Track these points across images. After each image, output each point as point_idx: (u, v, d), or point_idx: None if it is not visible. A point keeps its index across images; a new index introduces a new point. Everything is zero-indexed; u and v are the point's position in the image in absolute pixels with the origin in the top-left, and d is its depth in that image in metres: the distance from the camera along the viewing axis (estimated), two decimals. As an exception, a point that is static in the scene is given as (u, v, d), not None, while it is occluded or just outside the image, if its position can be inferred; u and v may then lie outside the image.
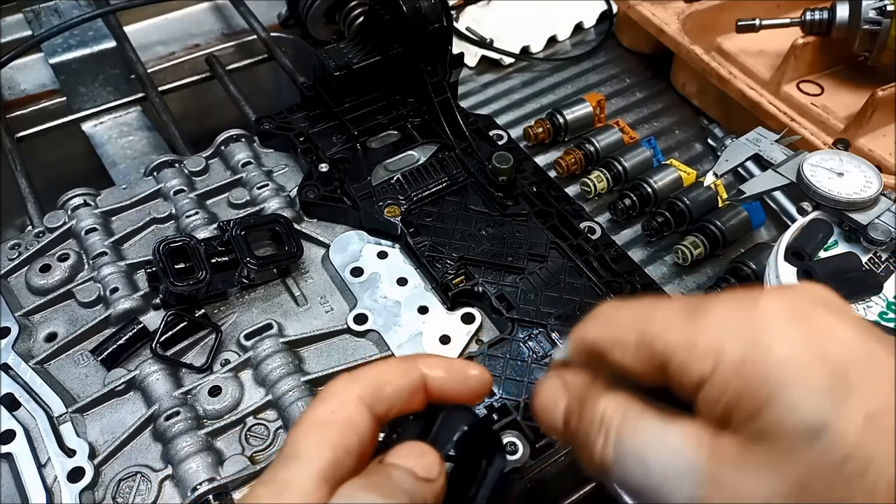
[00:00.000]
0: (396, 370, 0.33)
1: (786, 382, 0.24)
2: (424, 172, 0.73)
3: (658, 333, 0.27)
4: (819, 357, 0.24)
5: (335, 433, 0.30)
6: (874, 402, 0.23)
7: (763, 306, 0.26)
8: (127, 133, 0.90)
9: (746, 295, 0.27)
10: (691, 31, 0.90)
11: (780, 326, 0.25)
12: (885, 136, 0.80)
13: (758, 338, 0.25)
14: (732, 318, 0.26)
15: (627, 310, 0.29)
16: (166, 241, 0.61)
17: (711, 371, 0.25)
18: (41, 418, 0.55)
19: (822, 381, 0.23)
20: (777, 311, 0.25)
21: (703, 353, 0.26)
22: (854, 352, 0.24)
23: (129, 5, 0.94)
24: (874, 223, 0.63)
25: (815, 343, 0.24)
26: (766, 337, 0.25)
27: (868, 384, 0.23)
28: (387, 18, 0.73)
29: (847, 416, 0.23)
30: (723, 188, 0.76)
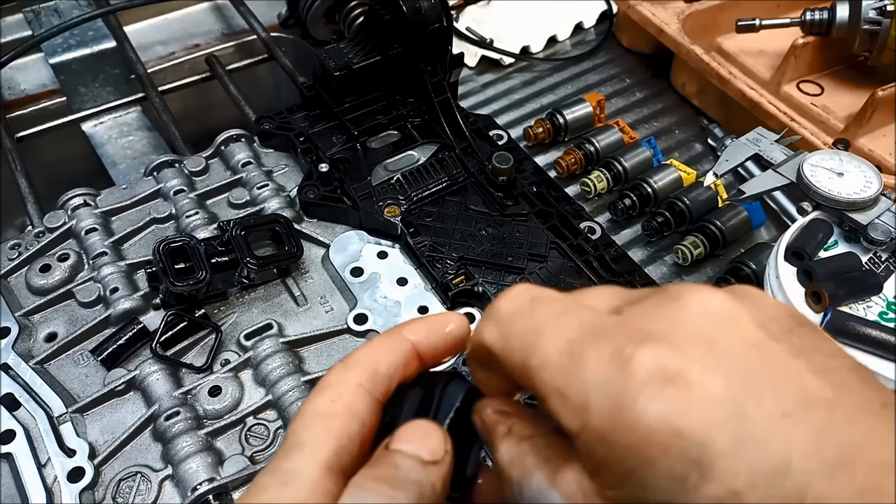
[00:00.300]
0: (387, 347, 0.33)
1: (645, 464, 0.23)
2: (424, 172, 0.73)
3: (537, 369, 0.27)
4: (677, 433, 0.23)
5: (337, 422, 0.30)
6: (727, 484, 0.22)
7: (639, 360, 0.24)
8: (127, 133, 0.90)
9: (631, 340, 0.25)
10: (691, 31, 0.90)
11: (646, 395, 0.24)
12: (885, 136, 0.80)
13: (623, 408, 0.24)
14: (605, 373, 0.25)
15: (524, 317, 0.29)
16: (166, 241, 0.61)
17: (579, 430, 0.25)
18: (41, 418, 0.55)
19: (681, 465, 0.23)
20: (650, 371, 0.24)
21: (573, 408, 0.25)
22: (723, 424, 0.23)
23: (128, 5, 0.94)
24: (874, 223, 0.63)
25: (679, 417, 0.23)
26: (631, 408, 0.24)
27: (726, 462, 0.22)
28: (387, 18, 0.73)
29: (700, 501, 0.23)
30: (723, 188, 0.76)
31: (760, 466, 0.22)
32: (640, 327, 0.26)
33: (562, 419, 0.26)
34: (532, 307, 0.29)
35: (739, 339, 0.25)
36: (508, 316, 0.29)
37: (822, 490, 0.22)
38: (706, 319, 0.26)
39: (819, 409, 0.23)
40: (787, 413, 0.23)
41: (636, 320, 0.27)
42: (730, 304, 0.26)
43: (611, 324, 0.27)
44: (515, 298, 0.30)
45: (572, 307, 0.28)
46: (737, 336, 0.25)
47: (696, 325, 0.25)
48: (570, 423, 0.26)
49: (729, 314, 0.26)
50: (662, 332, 0.25)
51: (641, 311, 0.27)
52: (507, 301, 0.30)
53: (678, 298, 0.27)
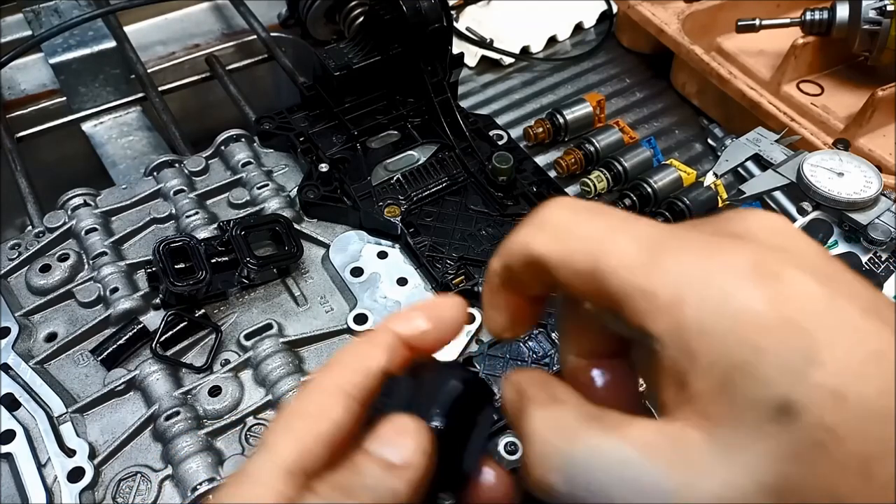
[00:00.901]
0: (369, 342, 0.31)
1: (752, 354, 0.22)
2: (424, 172, 0.73)
3: (614, 268, 0.25)
4: (788, 323, 0.22)
5: (304, 423, 0.29)
6: (840, 376, 0.22)
7: (730, 257, 0.24)
8: (127, 133, 0.90)
9: (712, 241, 0.25)
10: (691, 31, 0.90)
11: (747, 286, 0.23)
12: (885, 136, 0.80)
13: (726, 297, 0.23)
14: (697, 267, 0.24)
15: (584, 223, 0.26)
16: (166, 241, 0.61)
17: (671, 330, 0.23)
18: (41, 418, 0.55)
19: (790, 353, 0.22)
20: (744, 266, 0.23)
21: (662, 306, 0.23)
22: (823, 316, 0.23)
23: (128, 5, 0.94)
24: (874, 223, 0.63)
25: (784, 306, 0.23)
26: (733, 298, 0.23)
27: (835, 354, 0.22)
28: (387, 18, 0.73)
29: (815, 393, 0.22)
30: (723, 188, 0.76)
31: (861, 353, 0.22)
32: (723, 229, 0.25)
33: (647, 321, 0.24)
34: (591, 212, 0.27)
35: (807, 250, 0.25)
36: (565, 222, 0.27)
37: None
38: (773, 231, 0.26)
39: (888, 313, 0.23)
40: (867, 311, 0.23)
41: (710, 226, 0.26)
42: (789, 224, 0.27)
43: (685, 227, 0.26)
44: (566, 205, 0.27)
45: (635, 216, 0.27)
46: (804, 248, 0.25)
47: (767, 234, 0.25)
48: (659, 323, 0.23)
49: (791, 230, 0.26)
50: (745, 235, 0.25)
51: (712, 224, 0.26)
52: (558, 209, 0.27)
53: (740, 216, 0.26)
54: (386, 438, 0.28)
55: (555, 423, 0.26)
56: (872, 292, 0.24)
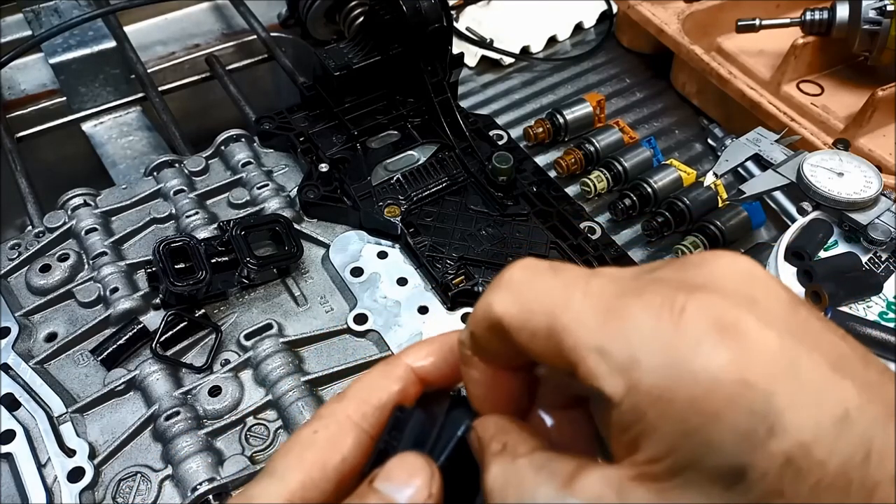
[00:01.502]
0: (383, 375, 0.31)
1: (707, 421, 0.21)
2: (424, 172, 0.73)
3: (569, 328, 0.24)
4: (746, 387, 0.21)
5: (312, 452, 0.29)
6: (795, 437, 0.21)
7: (689, 314, 0.23)
8: (127, 133, 0.90)
9: (671, 295, 0.23)
10: (691, 31, 0.90)
11: (705, 346, 0.22)
12: (885, 136, 0.80)
13: (682, 360, 0.22)
14: (653, 326, 0.23)
15: (541, 282, 0.26)
16: (166, 241, 0.61)
17: (625, 392, 0.23)
18: (41, 418, 0.55)
19: (747, 420, 0.21)
20: (703, 323, 0.22)
21: (616, 367, 0.23)
22: (785, 376, 0.22)
23: (128, 5, 0.94)
24: (874, 223, 0.63)
25: (743, 367, 0.22)
26: (689, 361, 0.22)
27: (795, 420, 0.21)
28: (387, 18, 0.73)
29: (771, 462, 0.21)
30: (723, 188, 0.76)
31: (823, 417, 0.21)
32: (683, 280, 0.24)
33: (601, 382, 0.23)
34: (552, 272, 0.26)
35: (776, 297, 0.24)
36: (526, 281, 0.26)
37: (884, 441, 0.21)
38: (740, 278, 0.24)
39: (857, 366, 0.23)
40: (834, 367, 0.22)
41: (671, 277, 0.25)
42: (756, 267, 0.25)
43: (647, 280, 0.25)
44: (528, 266, 0.27)
45: (596, 272, 0.26)
46: (773, 295, 0.24)
47: (732, 282, 0.24)
48: (613, 385, 0.23)
49: (759, 275, 0.25)
50: (705, 285, 0.24)
51: (673, 272, 0.25)
52: (521, 269, 0.27)
53: (703, 263, 0.25)
54: (395, 477, 0.28)
55: (507, 475, 0.26)
56: (842, 344, 0.24)
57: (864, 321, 0.58)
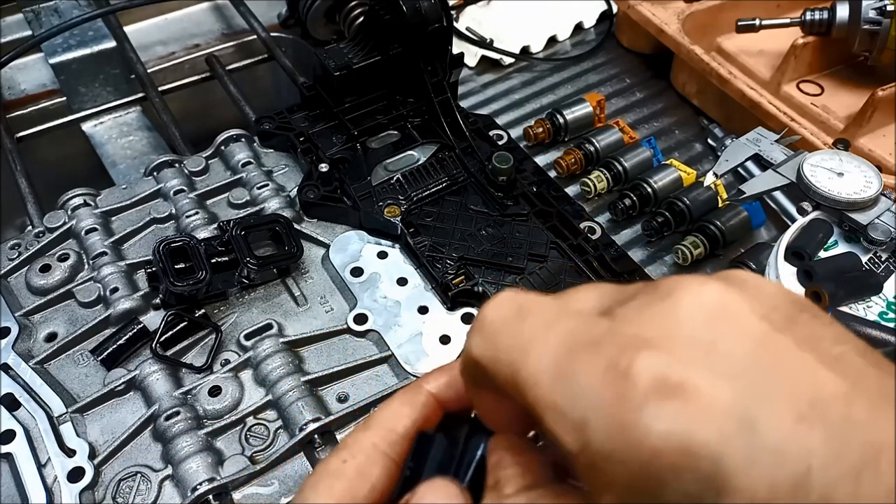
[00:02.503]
0: (406, 403, 0.32)
1: (657, 484, 0.22)
2: (424, 172, 0.73)
3: (528, 386, 0.25)
4: (687, 452, 0.21)
5: (343, 484, 0.30)
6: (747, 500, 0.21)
7: (636, 374, 0.22)
8: (127, 133, 0.90)
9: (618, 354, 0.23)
10: (691, 31, 0.90)
11: (647, 409, 0.22)
12: (885, 136, 0.80)
13: (625, 426, 0.22)
14: (600, 388, 0.23)
15: (510, 328, 0.27)
16: (166, 241, 0.61)
17: (579, 450, 0.23)
18: (41, 418, 0.55)
19: (693, 483, 0.21)
20: (648, 384, 0.22)
21: (570, 427, 0.23)
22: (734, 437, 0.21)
23: (129, 5, 0.94)
24: (874, 223, 0.63)
25: (685, 429, 0.21)
26: (635, 427, 0.22)
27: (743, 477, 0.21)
28: (387, 18, 0.73)
29: None
30: (723, 188, 0.76)
31: (780, 479, 0.21)
32: (634, 333, 0.24)
33: (559, 438, 0.24)
34: (518, 318, 0.27)
35: (742, 335, 0.23)
36: (495, 327, 0.27)
37: (848, 494, 0.20)
38: (703, 317, 0.24)
39: (835, 408, 0.21)
40: (801, 417, 0.21)
41: (628, 325, 0.24)
42: (726, 297, 0.24)
43: (601, 331, 0.25)
44: (501, 307, 0.28)
45: (560, 315, 0.26)
46: (739, 333, 0.23)
47: (692, 324, 0.23)
48: (569, 442, 0.23)
49: (727, 308, 0.24)
50: (658, 336, 0.23)
51: (632, 314, 0.25)
52: (493, 310, 0.28)
53: (669, 295, 0.25)
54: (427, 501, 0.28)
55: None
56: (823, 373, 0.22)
57: (864, 321, 0.58)
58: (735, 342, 0.23)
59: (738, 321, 0.24)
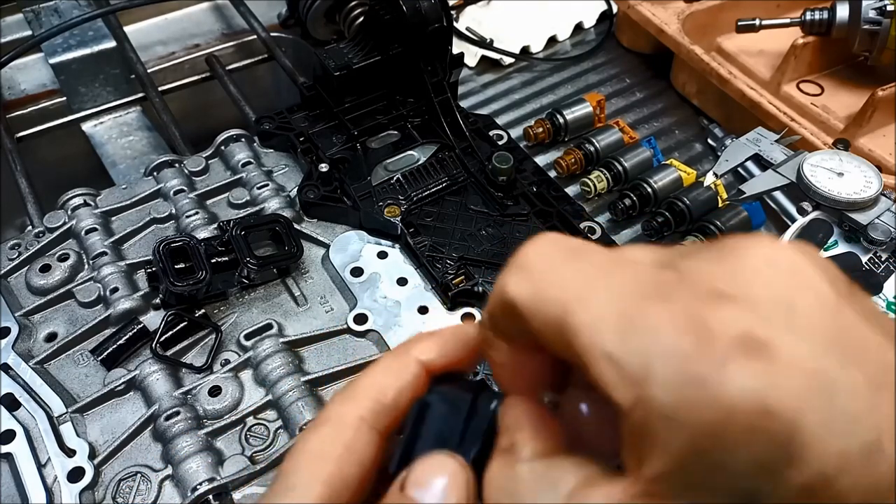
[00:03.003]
0: (392, 371, 0.30)
1: (720, 448, 0.20)
2: (424, 172, 0.73)
3: (583, 327, 0.23)
4: (767, 414, 0.20)
5: (331, 466, 0.28)
6: (817, 469, 0.20)
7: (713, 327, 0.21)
8: (127, 133, 0.90)
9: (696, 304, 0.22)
10: (691, 31, 0.90)
11: (727, 366, 0.20)
12: (885, 136, 0.80)
13: (699, 380, 0.20)
14: (672, 339, 0.21)
15: (561, 268, 0.24)
16: (166, 241, 0.61)
17: (633, 404, 0.21)
18: (41, 418, 0.55)
19: (765, 449, 0.20)
20: (727, 339, 0.21)
21: (627, 378, 0.22)
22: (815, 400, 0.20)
23: (129, 5, 0.94)
24: (874, 223, 0.63)
25: (766, 390, 0.20)
26: (707, 381, 0.20)
27: (819, 451, 0.20)
28: (387, 18, 0.73)
29: (784, 487, 0.20)
30: (723, 188, 0.76)
31: (852, 446, 0.20)
32: (709, 286, 0.22)
33: (611, 390, 0.22)
34: (570, 260, 0.24)
35: (817, 300, 0.22)
36: (542, 268, 0.24)
37: None
38: (779, 277, 0.22)
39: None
40: (876, 385, 0.20)
41: (699, 277, 0.22)
42: (799, 260, 0.23)
43: (671, 281, 0.22)
44: (549, 245, 0.25)
45: (619, 262, 0.24)
46: (814, 297, 0.22)
47: (769, 283, 0.22)
48: (623, 395, 0.21)
49: (802, 271, 0.22)
50: (735, 292, 0.22)
51: (702, 266, 0.23)
52: (540, 249, 0.25)
53: (739, 252, 0.23)
54: (426, 481, 0.27)
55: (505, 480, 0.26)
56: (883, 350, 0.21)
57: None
58: (812, 305, 0.22)
59: (812, 285, 0.22)
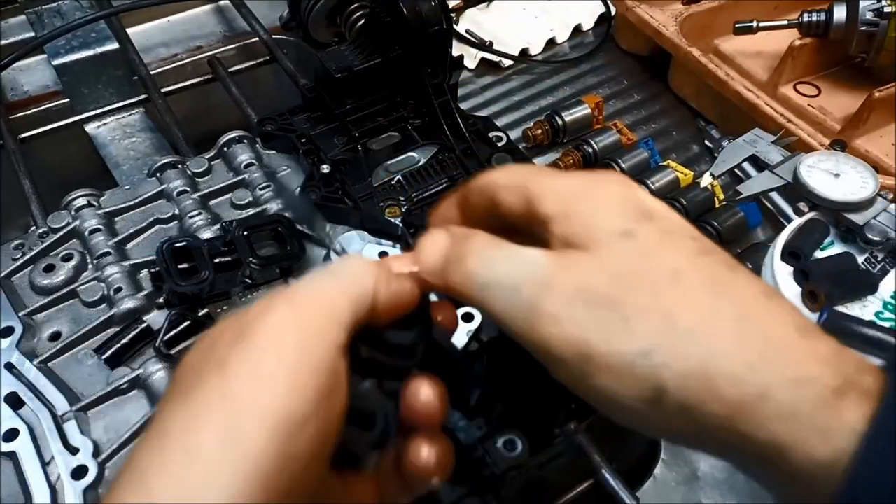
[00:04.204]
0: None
1: (606, 209, 0.32)
2: (425, 173, 0.74)
3: (533, 180, 0.34)
4: (633, 200, 0.32)
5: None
6: (668, 226, 0.31)
7: (604, 174, 0.34)
8: (130, 134, 0.90)
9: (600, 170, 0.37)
10: (689, 34, 0.90)
11: (608, 183, 0.33)
12: (882, 136, 0.81)
13: (592, 186, 0.33)
14: (581, 176, 0.34)
15: (523, 167, 0.36)
16: (170, 242, 0.61)
17: (558, 207, 0.32)
18: (45, 416, 0.56)
19: (631, 211, 0.32)
20: (612, 177, 0.33)
21: (555, 193, 0.33)
22: (658, 207, 0.32)
23: (131, 7, 0.95)
24: (870, 223, 0.64)
25: (631, 195, 0.32)
26: (598, 186, 0.33)
27: (665, 219, 0.32)
28: (387, 21, 0.74)
29: (647, 229, 0.31)
30: (720, 189, 0.77)
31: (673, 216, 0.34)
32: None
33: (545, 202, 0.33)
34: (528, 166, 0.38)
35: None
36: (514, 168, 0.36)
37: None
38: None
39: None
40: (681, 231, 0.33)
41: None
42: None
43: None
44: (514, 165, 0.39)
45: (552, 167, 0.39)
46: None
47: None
48: (553, 200, 0.33)
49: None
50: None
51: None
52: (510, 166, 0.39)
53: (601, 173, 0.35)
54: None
55: (491, 238, 0.34)
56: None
57: (861, 321, 0.59)
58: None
59: None
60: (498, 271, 0.32)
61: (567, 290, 0.30)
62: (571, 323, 0.29)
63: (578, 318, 0.29)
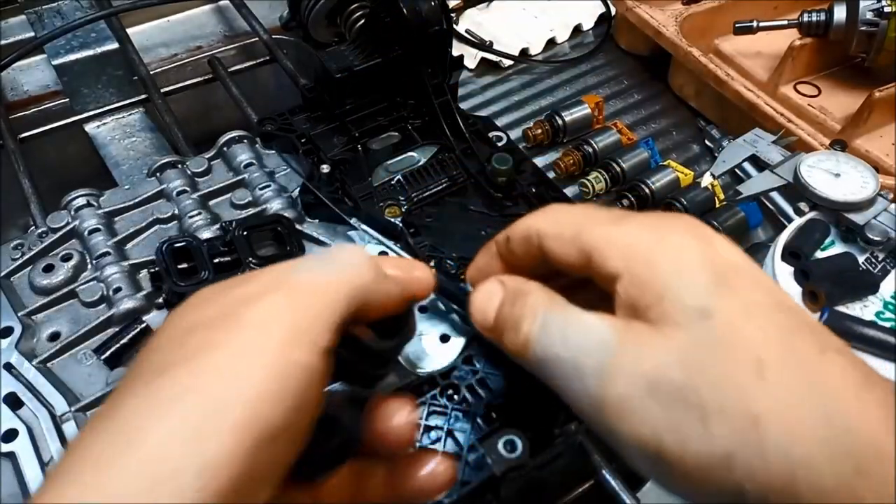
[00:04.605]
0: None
1: (680, 277, 0.29)
2: (425, 173, 0.74)
3: (588, 229, 0.32)
4: (711, 260, 0.29)
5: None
6: (750, 297, 0.28)
7: (671, 220, 0.31)
8: (130, 134, 0.90)
9: (663, 213, 0.32)
10: (689, 33, 0.90)
11: (680, 235, 0.30)
12: (882, 136, 0.81)
13: (662, 241, 0.30)
14: (646, 224, 0.31)
15: (570, 211, 0.34)
16: (169, 242, 0.61)
17: (624, 264, 0.30)
18: (44, 417, 0.56)
19: (708, 277, 0.28)
20: (681, 225, 0.31)
21: (619, 248, 0.30)
22: (739, 263, 0.30)
23: (131, 7, 0.95)
24: (871, 223, 0.64)
25: (708, 252, 0.29)
26: (668, 241, 0.30)
27: (747, 286, 0.29)
28: (387, 21, 0.74)
29: (727, 305, 0.28)
30: (720, 189, 0.77)
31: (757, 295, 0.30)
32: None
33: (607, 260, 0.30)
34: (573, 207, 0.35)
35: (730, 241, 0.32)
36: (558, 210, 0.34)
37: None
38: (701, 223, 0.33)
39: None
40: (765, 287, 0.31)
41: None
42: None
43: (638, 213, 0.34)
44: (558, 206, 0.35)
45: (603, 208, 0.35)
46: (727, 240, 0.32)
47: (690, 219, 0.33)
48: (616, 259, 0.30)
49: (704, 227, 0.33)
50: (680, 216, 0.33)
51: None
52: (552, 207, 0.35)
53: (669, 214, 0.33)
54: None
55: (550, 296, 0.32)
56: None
57: (861, 321, 0.59)
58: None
59: None
60: (557, 345, 0.29)
61: (635, 379, 0.27)
62: (640, 419, 0.27)
63: (649, 415, 0.27)
